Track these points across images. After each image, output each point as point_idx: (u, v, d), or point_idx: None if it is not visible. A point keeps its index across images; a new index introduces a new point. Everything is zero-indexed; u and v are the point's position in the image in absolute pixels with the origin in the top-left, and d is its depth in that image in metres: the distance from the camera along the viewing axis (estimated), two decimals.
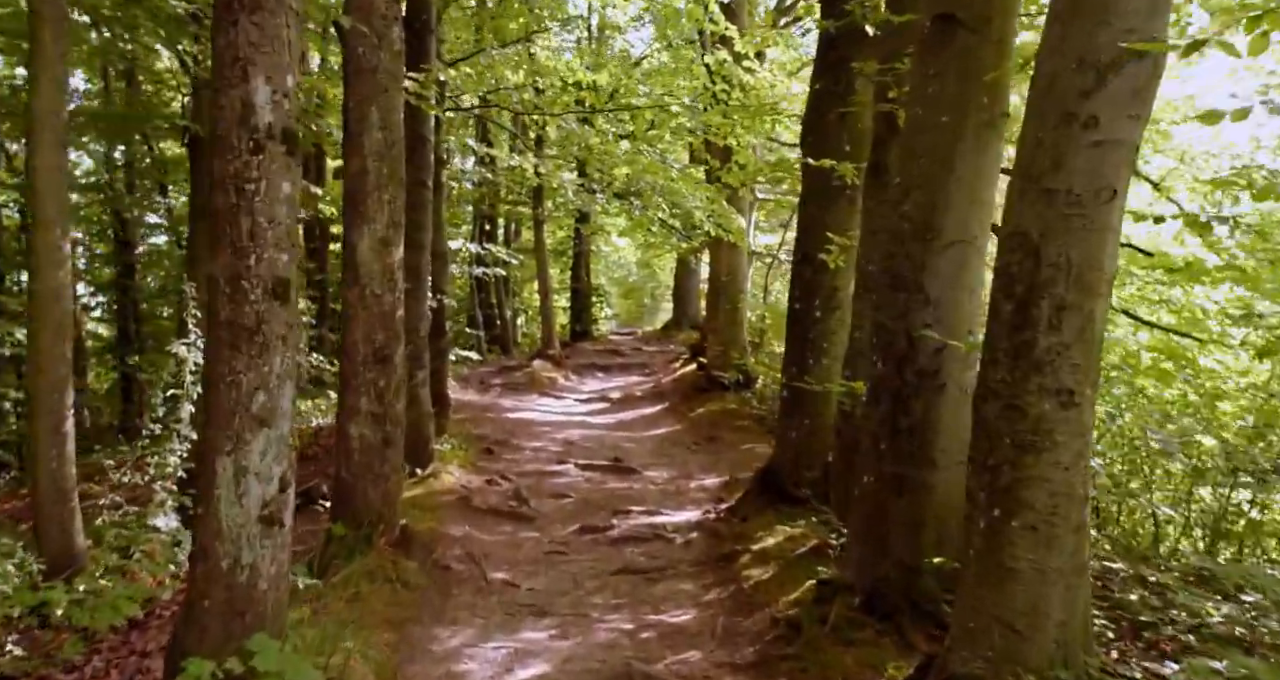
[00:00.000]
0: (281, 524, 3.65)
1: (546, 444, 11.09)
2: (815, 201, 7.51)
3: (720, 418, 12.92)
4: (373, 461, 5.84)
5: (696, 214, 10.98)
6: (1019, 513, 3.46)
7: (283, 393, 3.64)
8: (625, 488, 8.94)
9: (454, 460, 8.81)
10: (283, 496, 3.65)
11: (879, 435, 4.81)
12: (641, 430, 12.84)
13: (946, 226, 4.73)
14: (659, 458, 10.70)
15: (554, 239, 27.49)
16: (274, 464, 3.61)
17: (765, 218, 21.14)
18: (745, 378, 14.18)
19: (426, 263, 8.52)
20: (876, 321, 4.93)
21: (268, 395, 3.59)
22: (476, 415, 12.40)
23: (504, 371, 17.24)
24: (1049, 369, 3.44)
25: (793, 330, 7.55)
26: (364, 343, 5.83)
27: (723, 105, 9.46)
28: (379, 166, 5.82)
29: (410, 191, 8.25)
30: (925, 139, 4.82)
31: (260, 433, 3.57)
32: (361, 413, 5.83)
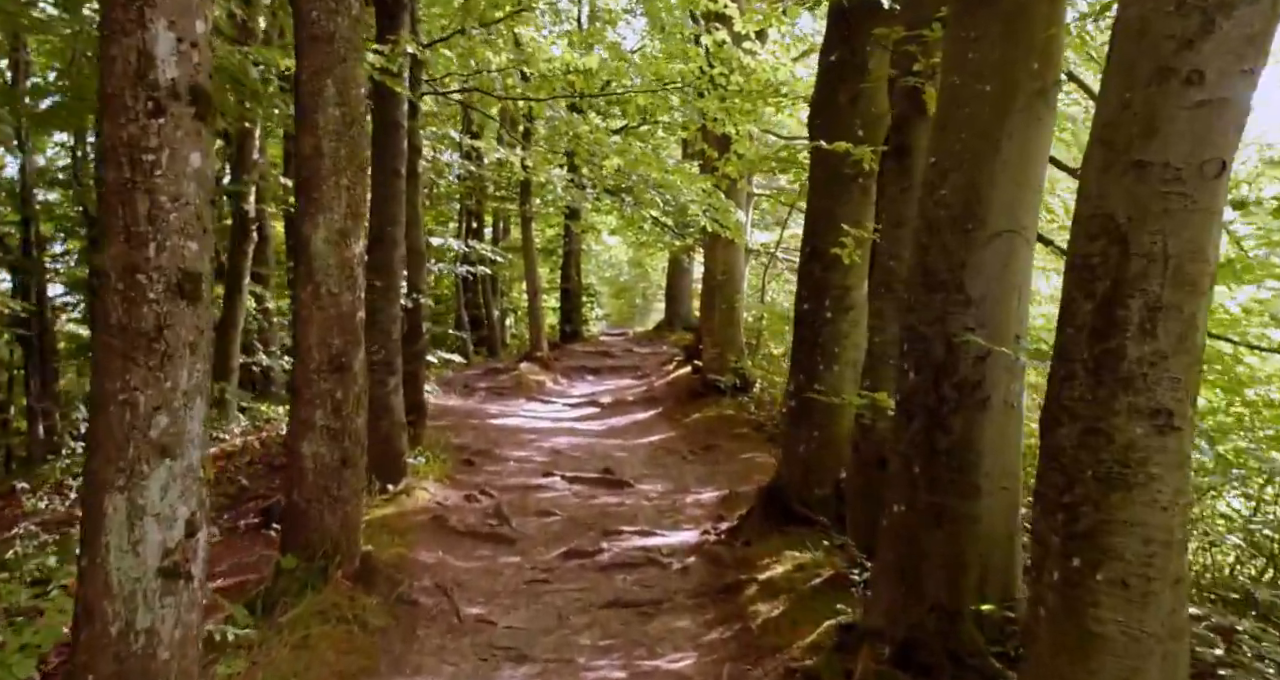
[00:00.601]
0: (189, 577, 2.94)
1: (532, 453, 10.39)
2: (824, 192, 6.84)
3: (716, 424, 12.24)
4: (329, 484, 5.14)
5: (692, 208, 10.30)
6: (1105, 564, 2.78)
7: (190, 414, 2.94)
8: (616, 504, 8.25)
9: (430, 474, 8.10)
10: (191, 543, 2.95)
11: (911, 457, 4.12)
12: (633, 437, 12.14)
13: (990, 214, 4.05)
14: (652, 468, 10.01)
15: (543, 237, 26.78)
16: (179, 502, 2.91)
17: (760, 217, 20.50)
18: (742, 381, 13.50)
19: (399, 259, 7.81)
20: (907, 326, 4.25)
21: (171, 417, 2.89)
22: (458, 422, 11.68)
23: (490, 374, 16.53)
24: (1141, 385, 2.76)
25: (801, 333, 6.88)
26: (318, 348, 5.12)
27: (721, 90, 8.77)
28: (336, 148, 5.12)
29: (381, 181, 7.56)
30: (964, 113, 4.14)
31: (161, 464, 2.87)
32: (315, 428, 5.12)
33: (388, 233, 7.72)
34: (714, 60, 8.91)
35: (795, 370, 6.88)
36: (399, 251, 7.82)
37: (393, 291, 7.73)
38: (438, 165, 16.58)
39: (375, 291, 7.67)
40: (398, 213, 7.80)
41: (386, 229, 7.72)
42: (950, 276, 4.09)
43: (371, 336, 7.50)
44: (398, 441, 7.72)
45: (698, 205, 10.30)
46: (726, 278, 13.97)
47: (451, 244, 13.38)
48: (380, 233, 7.73)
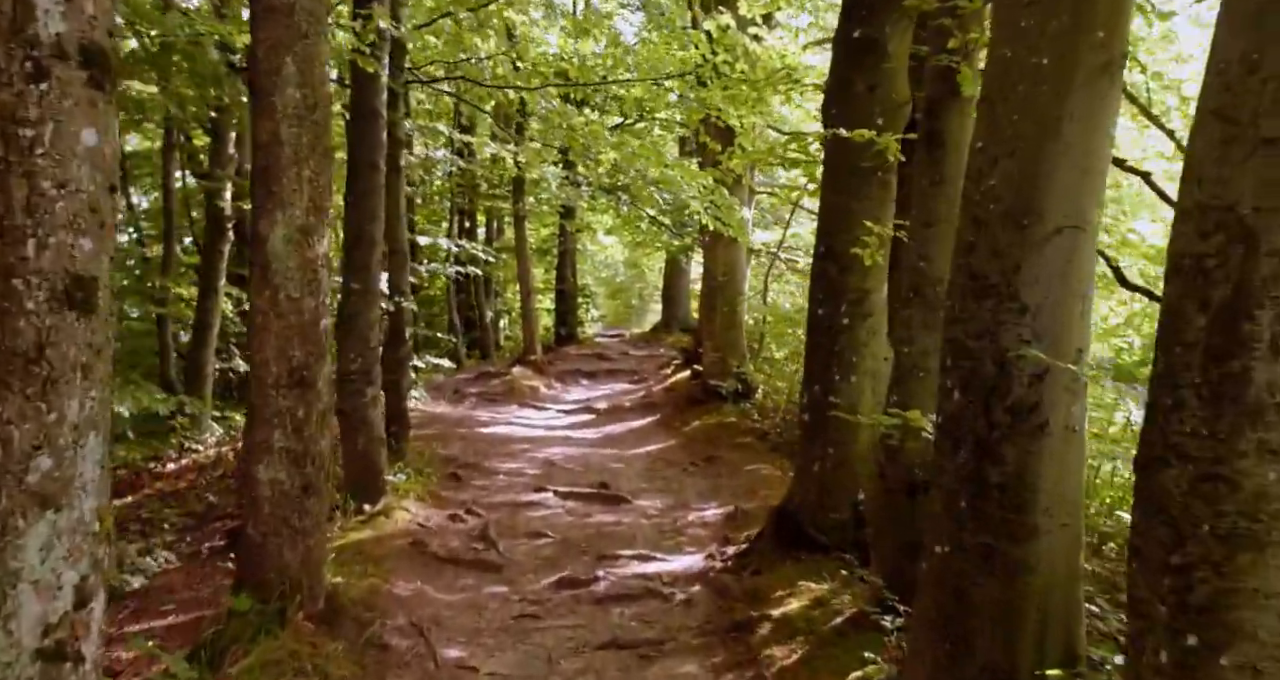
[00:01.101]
0: (78, 659, 2.35)
1: (523, 465, 9.80)
2: (840, 186, 6.26)
3: (718, 432, 11.67)
4: (288, 514, 4.55)
5: (693, 205, 9.72)
6: (1233, 645, 2.21)
7: (82, 453, 2.35)
8: (613, 522, 7.66)
9: (412, 492, 7.50)
10: (81, 615, 2.36)
11: (957, 492, 3.54)
12: (630, 447, 11.57)
13: (1049, 207, 3.47)
14: (651, 481, 9.43)
15: (537, 237, 26.20)
16: (65, 566, 2.32)
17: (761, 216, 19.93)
18: (744, 387, 12.93)
19: (379, 259, 7.22)
20: (950, 338, 3.67)
21: (55, 458, 2.30)
22: (446, 431, 11.09)
23: (482, 378, 15.93)
24: (1274, 418, 2.19)
25: (815, 340, 6.30)
26: (277, 361, 4.53)
27: (725, 79, 8.19)
28: (297, 134, 4.53)
29: (359, 175, 6.98)
30: (1018, 91, 3.56)
31: (41, 518, 2.28)
32: (273, 451, 4.53)
33: (366, 231, 7.14)
34: (717, 47, 8.33)
35: (809, 381, 6.30)
36: (378, 251, 7.23)
37: (371, 294, 7.14)
38: (428, 162, 16.00)
39: (352, 294, 7.10)
40: (376, 209, 7.21)
41: (365, 227, 7.13)
42: (1002, 280, 3.51)
43: (348, 344, 6.93)
44: (376, 458, 7.13)
45: (699, 202, 9.72)
46: (728, 278, 13.40)
47: (441, 243, 12.77)
48: (358, 231, 7.15)
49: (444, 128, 12.64)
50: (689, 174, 9.00)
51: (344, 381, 7.03)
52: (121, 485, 8.65)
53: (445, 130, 12.50)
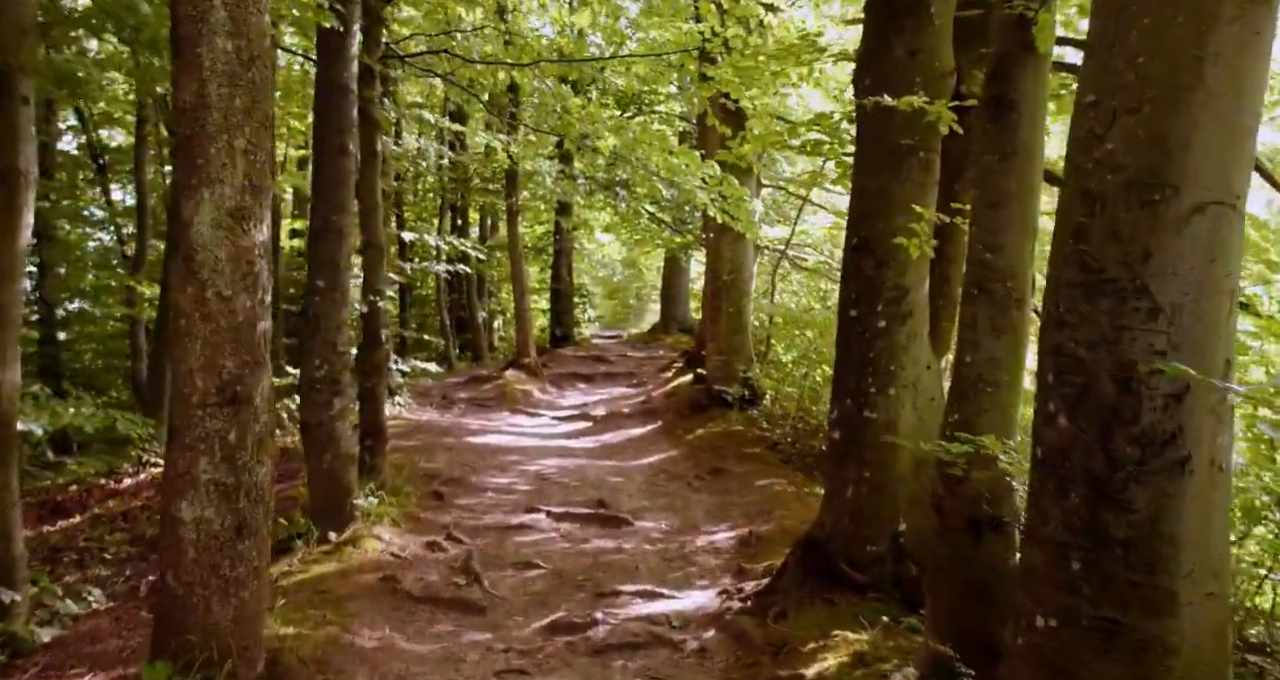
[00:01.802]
0: None
1: (514, 480, 8.97)
2: (875, 168, 5.43)
3: (724, 442, 10.85)
4: (218, 561, 3.71)
5: (699, 196, 8.90)
6: None
7: None
8: (613, 548, 6.84)
9: (386, 515, 6.66)
10: None
11: (1067, 547, 2.72)
12: (630, 458, 10.75)
13: (1188, 177, 2.64)
14: (654, 498, 8.61)
15: (531, 235, 25.39)
16: None
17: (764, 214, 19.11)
18: (751, 393, 12.12)
19: (347, 254, 6.38)
20: (1053, 347, 2.84)
21: None
22: (431, 442, 10.25)
23: (473, 383, 15.09)
24: None
25: (846, 346, 5.47)
26: (203, 373, 3.69)
27: (737, 54, 7.37)
28: (228, 95, 3.69)
29: (326, 159, 6.16)
30: (1141, 26, 2.74)
31: None
32: (199, 484, 3.69)
33: (333, 222, 6.30)
34: (728, 20, 7.51)
35: (840, 393, 5.47)
36: (347, 245, 6.39)
37: (339, 292, 6.31)
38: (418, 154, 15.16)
39: (317, 293, 6.26)
40: (345, 198, 6.38)
41: (331, 218, 6.30)
42: (1125, 273, 2.68)
43: (312, 348, 6.10)
44: (344, 478, 6.29)
45: (706, 192, 8.90)
46: (733, 277, 12.59)
47: (429, 240, 11.92)
48: (324, 222, 6.31)
49: (430, 115, 11.76)
50: (694, 161, 8.17)
51: (308, 391, 6.21)
52: (68, 503, 7.82)
53: (432, 117, 11.64)
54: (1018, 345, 4.03)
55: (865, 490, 5.21)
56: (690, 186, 8.68)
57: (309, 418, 6.19)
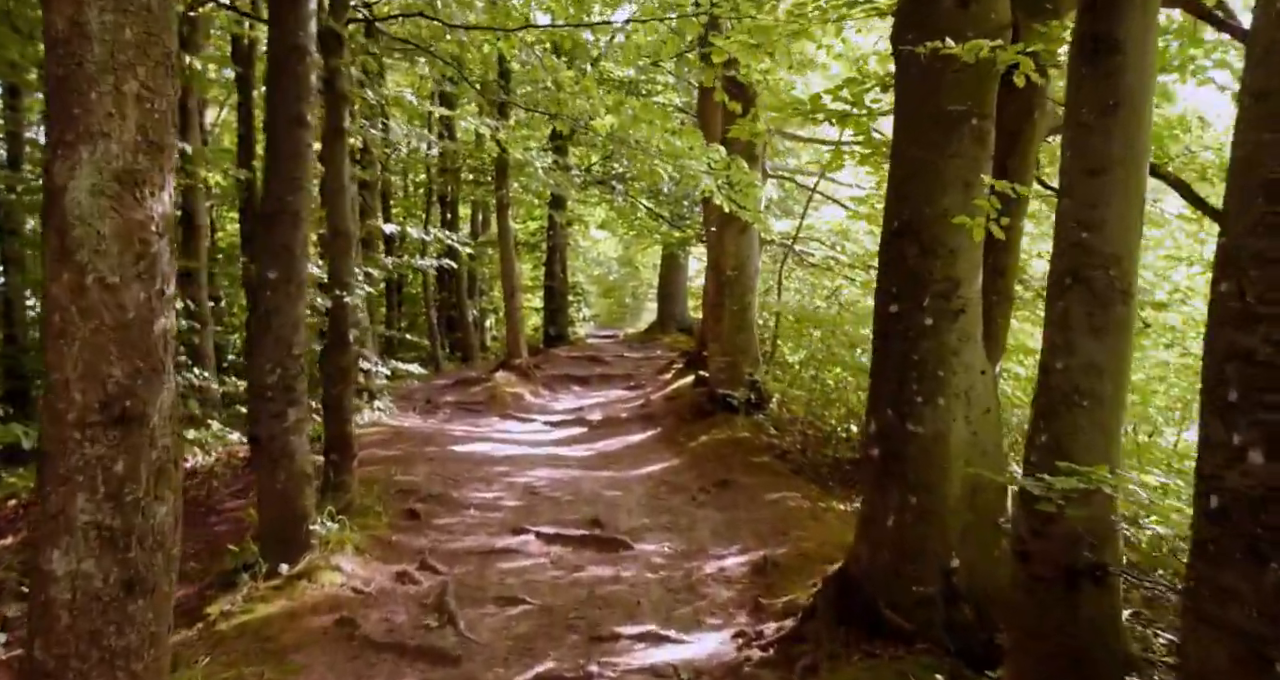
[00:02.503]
0: None
1: (500, 494, 8.13)
2: (921, 137, 4.61)
3: (730, 450, 10.03)
4: (101, 627, 2.87)
5: (704, 181, 8.08)
6: None
7: None
8: (610, 578, 6.01)
9: (350, 542, 5.81)
10: None
11: (1266, 645, 1.91)
12: (628, 467, 9.91)
13: None
14: (654, 514, 7.78)
15: (524, 230, 24.55)
16: None
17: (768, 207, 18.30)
18: (757, 396, 11.29)
19: (302, 241, 5.53)
20: (1237, 350, 2.01)
21: None
22: (411, 452, 9.41)
23: (460, 386, 14.26)
24: None
25: (886, 348, 4.64)
26: (82, 382, 2.85)
27: (749, 20, 6.54)
28: (114, 24, 2.85)
29: (279, 132, 5.32)
30: None
31: None
32: (75, 528, 2.85)
33: (287, 204, 5.46)
34: None
35: (877, 402, 4.65)
36: (303, 230, 5.54)
37: (295, 285, 5.46)
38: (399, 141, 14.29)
39: (269, 286, 5.42)
40: (301, 176, 5.53)
41: (285, 198, 5.45)
42: None
43: (262, 350, 5.27)
44: (299, 500, 5.45)
45: (712, 178, 8.08)
46: (738, 273, 11.75)
47: (412, 233, 11.07)
48: (277, 204, 5.47)
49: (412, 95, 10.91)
50: (698, 141, 7.35)
51: (259, 400, 5.37)
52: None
53: (414, 98, 10.79)
54: (1123, 348, 3.21)
55: (910, 518, 4.39)
56: (695, 170, 7.85)
57: (259, 430, 5.35)
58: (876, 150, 5.85)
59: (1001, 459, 4.63)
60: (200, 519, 7.45)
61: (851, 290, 13.20)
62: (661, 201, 20.52)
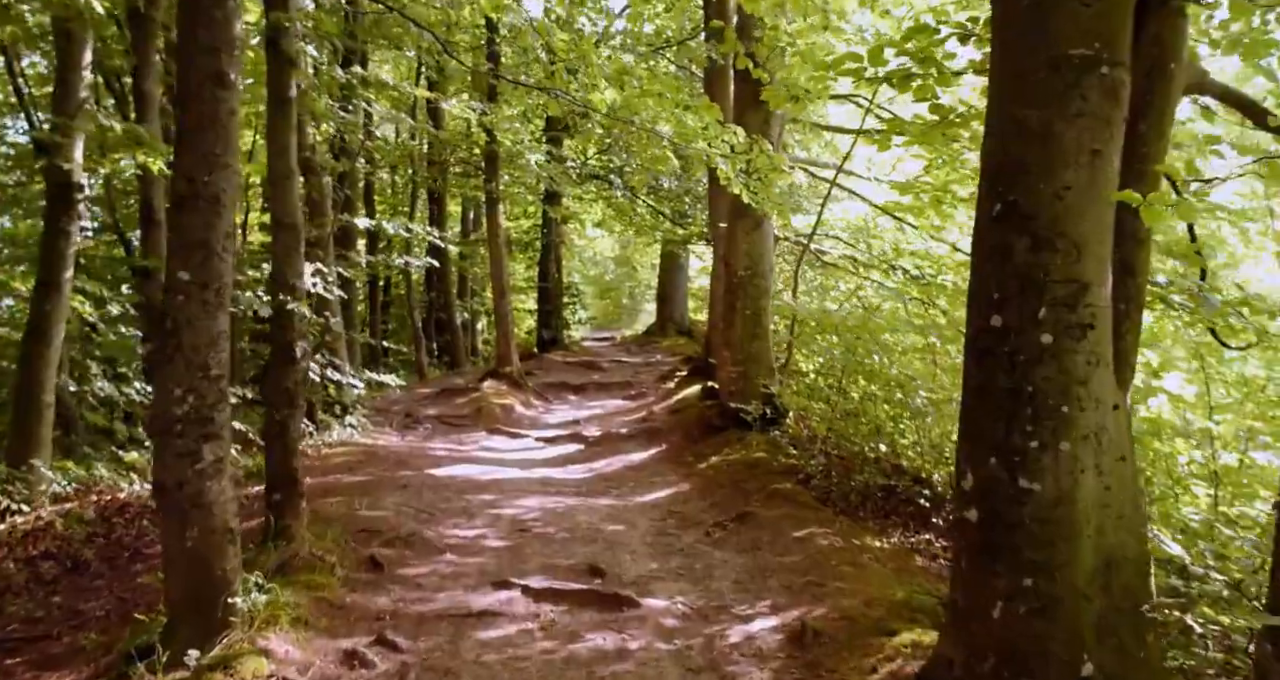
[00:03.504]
0: None
1: (483, 532, 6.96)
2: (1029, 97, 3.45)
3: (745, 474, 8.88)
4: None
5: (720, 167, 6.94)
6: None
7: None
8: (614, 653, 4.83)
9: (284, 612, 4.61)
10: None
11: None
12: (631, 493, 8.76)
13: None
14: (664, 557, 6.61)
15: (517, 228, 23.38)
16: None
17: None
18: (774, 411, 10.15)
19: (223, 234, 4.35)
20: None
21: None
22: (382, 477, 8.23)
23: (445, 396, 13.08)
24: None
25: (985, 374, 3.46)
26: None
27: None
28: None
29: (193, 93, 4.16)
30: None
31: None
32: None
33: (203, 187, 4.28)
34: None
35: (974, 448, 3.47)
36: (226, 220, 4.36)
37: (214, 289, 4.28)
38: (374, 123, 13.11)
39: (180, 290, 4.25)
40: (224, 152, 4.35)
41: (199, 178, 4.28)
42: None
43: (169, 373, 4.09)
44: (216, 563, 4.26)
45: (728, 164, 6.93)
46: (751, 273, 10.60)
47: (388, 228, 9.88)
48: (189, 186, 4.29)
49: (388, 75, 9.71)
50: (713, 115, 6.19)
51: (164, 437, 4.19)
52: None
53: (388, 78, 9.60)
54: None
55: (1025, 609, 3.22)
56: (709, 154, 6.69)
57: (164, 476, 4.18)
58: (943, 120, 4.68)
59: (1141, 522, 3.48)
60: (124, 566, 6.27)
61: (872, 291, 12.05)
62: (661, 197, 19.38)
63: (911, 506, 7.94)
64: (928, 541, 7.44)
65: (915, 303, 11.62)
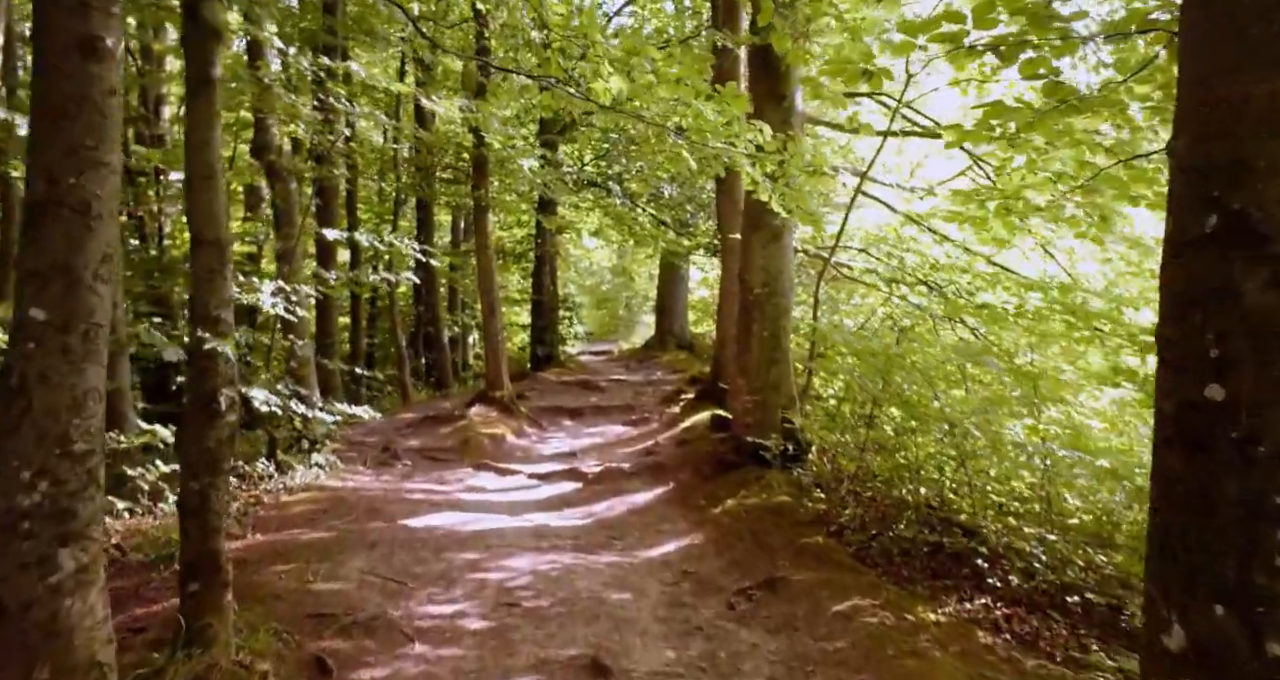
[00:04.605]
0: None
1: (461, 611, 5.76)
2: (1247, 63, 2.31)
3: (768, 523, 7.73)
4: None
5: (747, 170, 5.82)
6: None
7: None
8: None
9: None
10: None
11: None
12: (637, 545, 7.59)
13: None
14: (680, 642, 5.44)
15: (511, 237, 22.24)
16: None
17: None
18: (795, 446, 9.00)
19: (103, 256, 3.17)
20: None
21: None
22: (346, 532, 7.04)
23: (428, 424, 11.88)
24: None
25: (1194, 474, 2.28)
26: None
27: None
28: None
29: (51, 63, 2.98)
30: None
31: None
32: None
33: (70, 190, 3.12)
34: None
35: (1180, 586, 2.30)
36: (101, 236, 3.19)
37: (80, 333, 3.11)
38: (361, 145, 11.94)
39: (31, 335, 3.08)
40: (96, 143, 3.18)
41: (66, 180, 3.11)
42: None
43: (15, 446, 2.92)
44: None
45: (756, 168, 5.81)
46: (768, 290, 9.46)
47: (361, 239, 8.72)
48: (48, 188, 3.12)
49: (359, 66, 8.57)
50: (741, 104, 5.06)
51: (4, 537, 3.01)
52: None
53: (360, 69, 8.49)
54: None
55: None
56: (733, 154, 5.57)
57: (4, 593, 2.99)
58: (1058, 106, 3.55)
59: None
60: None
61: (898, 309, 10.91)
62: (662, 206, 18.26)
63: (966, 568, 6.79)
64: (985, 607, 6.30)
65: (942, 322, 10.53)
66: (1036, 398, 7.07)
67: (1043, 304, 8.10)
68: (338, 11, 12.67)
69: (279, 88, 8.47)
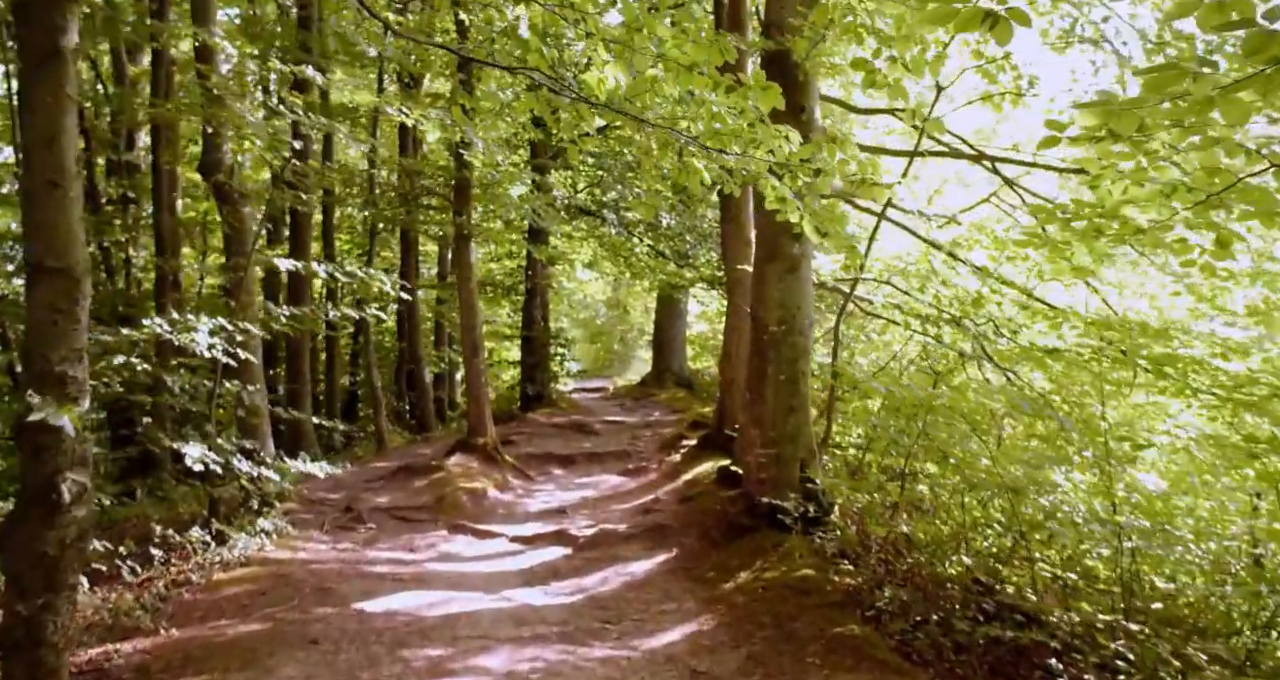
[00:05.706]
0: None
1: None
2: None
3: (791, 603, 6.51)
4: None
5: (774, 187, 4.70)
6: None
7: None
8: None
9: None
10: None
11: None
12: (635, 634, 6.35)
13: None
14: None
15: (500, 268, 21.13)
16: None
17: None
18: (818, 507, 7.80)
19: None
20: None
21: None
22: (284, 625, 5.79)
23: (401, 477, 10.64)
24: None
25: None
26: None
27: None
28: None
29: None
30: None
31: None
32: None
33: None
34: None
35: None
36: None
37: None
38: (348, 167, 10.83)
39: None
40: None
41: None
42: None
43: None
44: None
45: (785, 183, 4.70)
46: (785, 328, 8.30)
47: (317, 269, 7.57)
48: None
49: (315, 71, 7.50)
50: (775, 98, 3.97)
51: None
52: None
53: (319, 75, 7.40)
54: None
55: None
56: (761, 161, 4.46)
57: None
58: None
59: None
60: None
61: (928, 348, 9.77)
62: (660, 235, 17.19)
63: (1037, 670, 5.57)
64: None
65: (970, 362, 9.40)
66: (1111, 459, 5.92)
67: (1105, 344, 6.95)
68: (312, 26, 11.68)
69: (229, 97, 7.36)
